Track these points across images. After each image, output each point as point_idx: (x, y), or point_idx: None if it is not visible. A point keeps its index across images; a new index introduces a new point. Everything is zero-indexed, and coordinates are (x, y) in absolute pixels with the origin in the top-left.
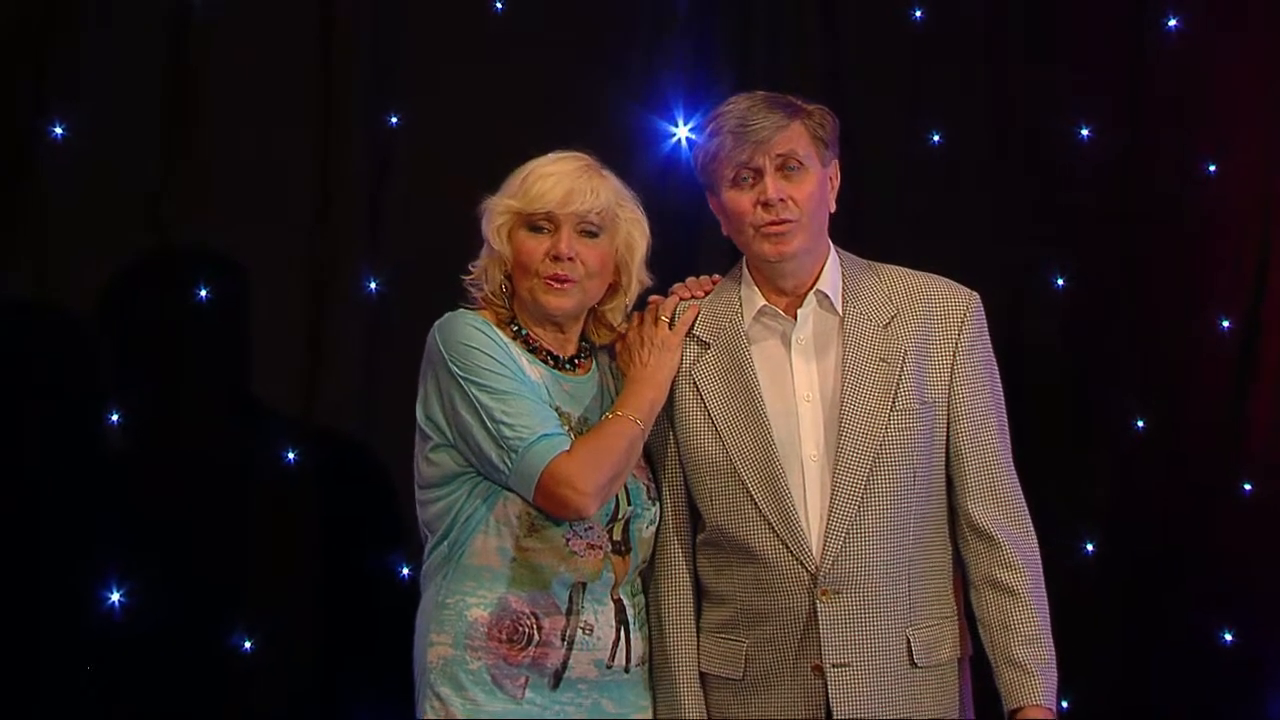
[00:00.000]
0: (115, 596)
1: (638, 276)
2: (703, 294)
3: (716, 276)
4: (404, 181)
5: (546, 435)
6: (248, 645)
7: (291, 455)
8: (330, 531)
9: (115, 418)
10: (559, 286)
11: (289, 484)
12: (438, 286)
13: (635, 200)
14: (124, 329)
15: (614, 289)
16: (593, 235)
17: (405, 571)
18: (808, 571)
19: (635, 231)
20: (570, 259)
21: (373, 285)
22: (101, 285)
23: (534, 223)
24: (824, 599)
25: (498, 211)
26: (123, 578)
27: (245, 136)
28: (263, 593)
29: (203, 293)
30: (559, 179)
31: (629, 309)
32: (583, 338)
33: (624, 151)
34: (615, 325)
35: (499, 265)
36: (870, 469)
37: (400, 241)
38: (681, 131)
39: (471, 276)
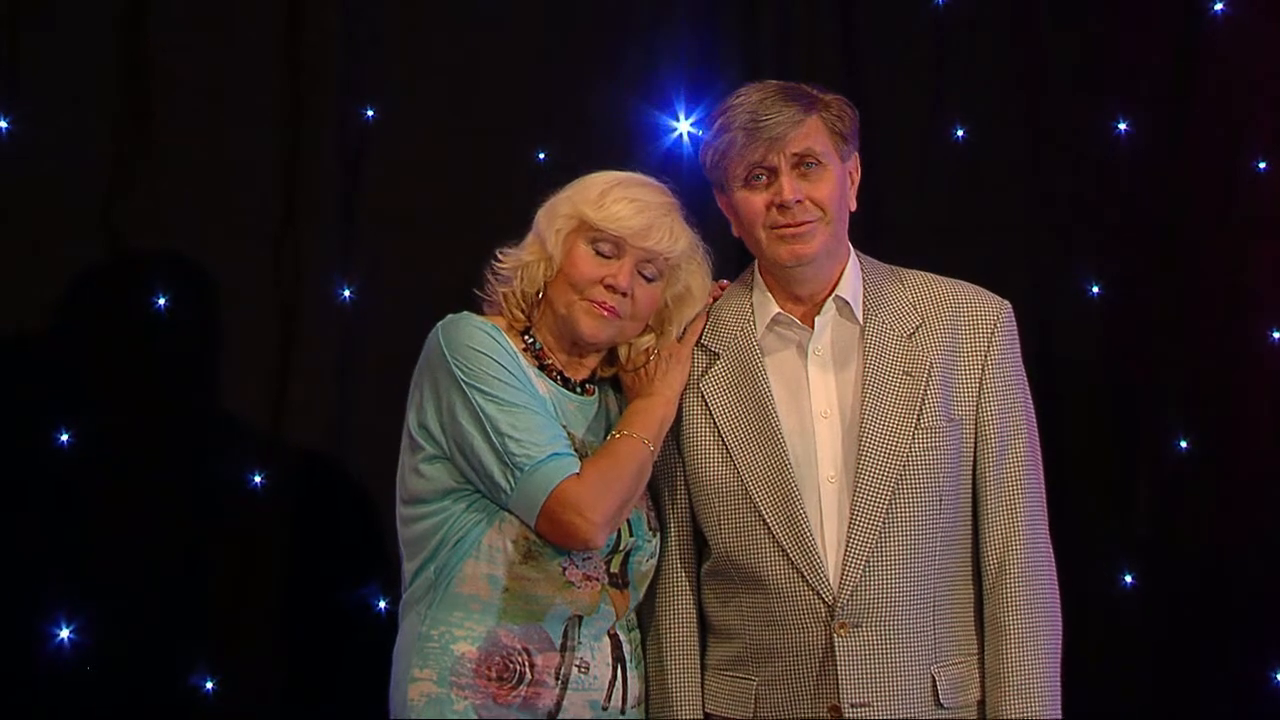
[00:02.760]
0: (64, 633)
1: (678, 328)
2: (711, 300)
3: (725, 282)
4: (380, 180)
5: (556, 455)
6: (209, 686)
7: (258, 478)
8: (301, 561)
9: (65, 437)
10: (603, 313)
11: (256, 509)
12: (417, 294)
13: (707, 257)
14: (75, 341)
15: (643, 331)
16: (649, 279)
17: (383, 605)
18: (824, 603)
19: (695, 285)
20: (624, 294)
21: (346, 293)
22: (50, 293)
23: (598, 240)
24: (842, 633)
25: (563, 213)
26: (73, 613)
27: (206, 131)
28: (226, 628)
29: (161, 301)
30: (642, 209)
31: (652, 353)
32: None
33: (622, 148)
34: (623, 360)
35: (543, 267)
36: (893, 492)
37: (375, 245)
38: (683, 126)
39: (503, 265)
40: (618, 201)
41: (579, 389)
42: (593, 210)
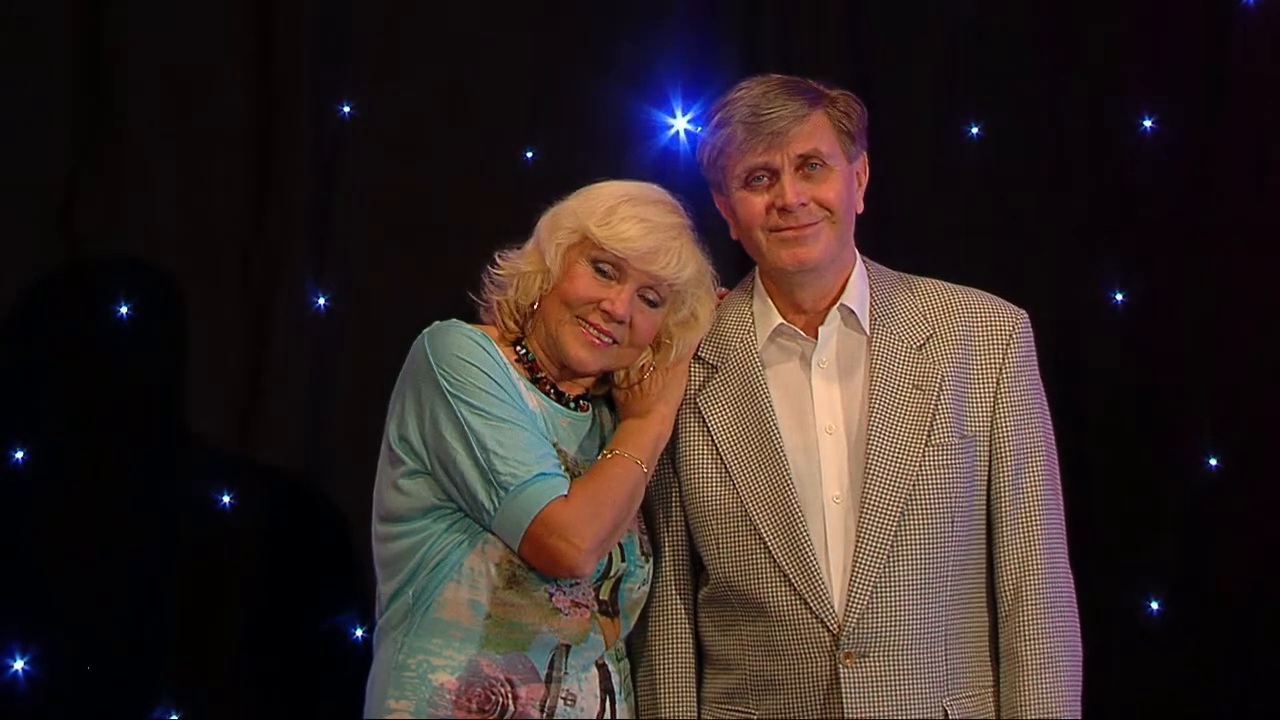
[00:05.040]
0: (18, 665)
1: (679, 353)
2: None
3: (723, 289)
4: (356, 181)
5: (544, 475)
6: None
7: (227, 498)
8: (271, 586)
9: (19, 455)
10: (595, 342)
11: (224, 531)
12: (396, 302)
13: (715, 281)
14: (31, 352)
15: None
16: (653, 303)
17: (359, 633)
18: (829, 631)
19: (702, 311)
20: (621, 321)
21: (320, 301)
22: (4, 301)
23: (600, 260)
24: (848, 663)
25: (566, 225)
26: (27, 642)
27: (170, 129)
28: (191, 658)
29: (122, 310)
30: (650, 230)
31: (648, 370)
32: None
33: (615, 146)
34: (618, 379)
35: (540, 280)
36: (902, 513)
37: (352, 250)
38: (680, 123)
39: (500, 270)
40: (625, 220)
41: (573, 404)
42: (597, 227)
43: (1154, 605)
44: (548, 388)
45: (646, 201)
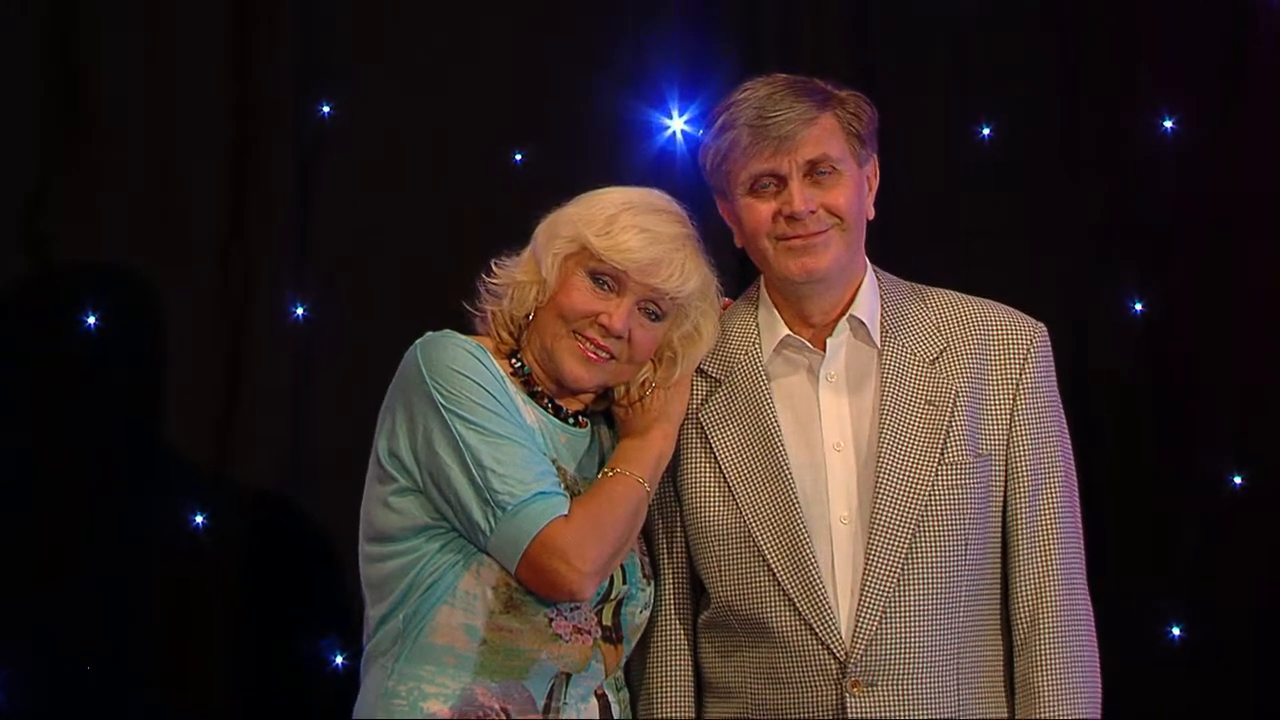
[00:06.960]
0: None
1: (683, 369)
2: None
3: (727, 299)
4: (338, 185)
5: (543, 494)
6: None
7: (200, 518)
8: (249, 611)
9: None
10: (591, 357)
11: (198, 553)
12: (379, 312)
13: (719, 293)
14: None
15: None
16: (654, 317)
17: (340, 660)
18: (836, 659)
19: (706, 325)
20: (619, 336)
21: (299, 311)
22: None
23: (598, 272)
24: (855, 692)
25: (564, 234)
26: None
27: (143, 129)
28: (164, 688)
29: (90, 320)
30: (652, 241)
31: (649, 388)
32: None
33: (609, 148)
34: (618, 396)
35: (536, 290)
36: (913, 534)
37: (333, 258)
38: (676, 124)
39: (495, 280)
40: (626, 230)
41: (572, 420)
42: (597, 237)
43: (1175, 631)
44: (545, 402)
45: (649, 210)
